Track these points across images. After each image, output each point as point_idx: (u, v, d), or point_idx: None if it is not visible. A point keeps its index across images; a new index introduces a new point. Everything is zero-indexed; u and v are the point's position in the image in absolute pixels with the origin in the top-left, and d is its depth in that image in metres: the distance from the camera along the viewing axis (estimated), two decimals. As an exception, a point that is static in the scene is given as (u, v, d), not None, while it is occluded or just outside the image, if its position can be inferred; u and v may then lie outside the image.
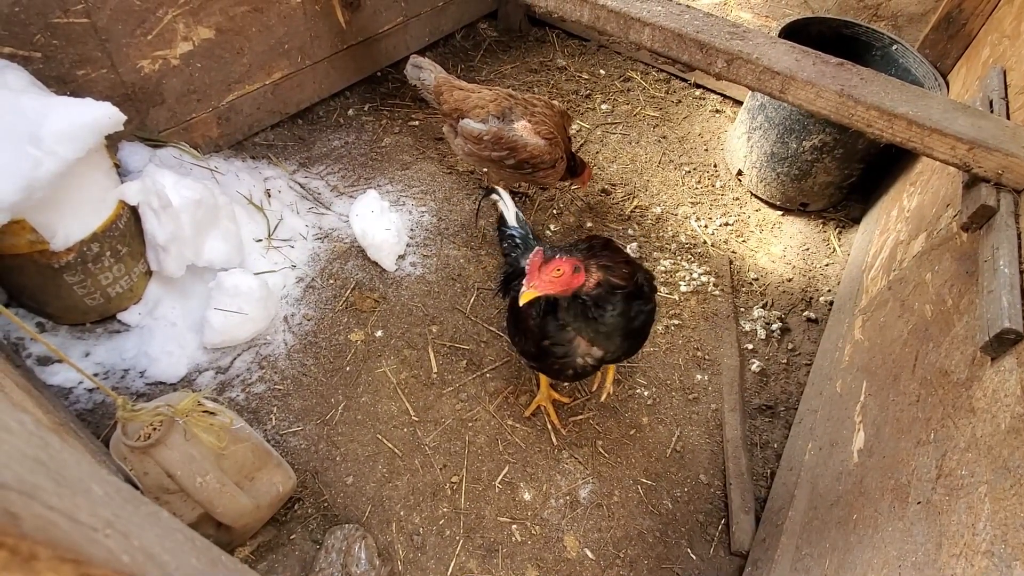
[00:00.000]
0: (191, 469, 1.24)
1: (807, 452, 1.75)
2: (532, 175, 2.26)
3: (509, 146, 2.17)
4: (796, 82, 1.46)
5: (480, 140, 2.20)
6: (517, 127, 2.17)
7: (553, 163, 2.22)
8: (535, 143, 2.17)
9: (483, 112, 2.20)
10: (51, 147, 1.52)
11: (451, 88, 2.28)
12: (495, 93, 2.24)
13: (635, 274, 1.42)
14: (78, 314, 1.88)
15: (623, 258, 1.43)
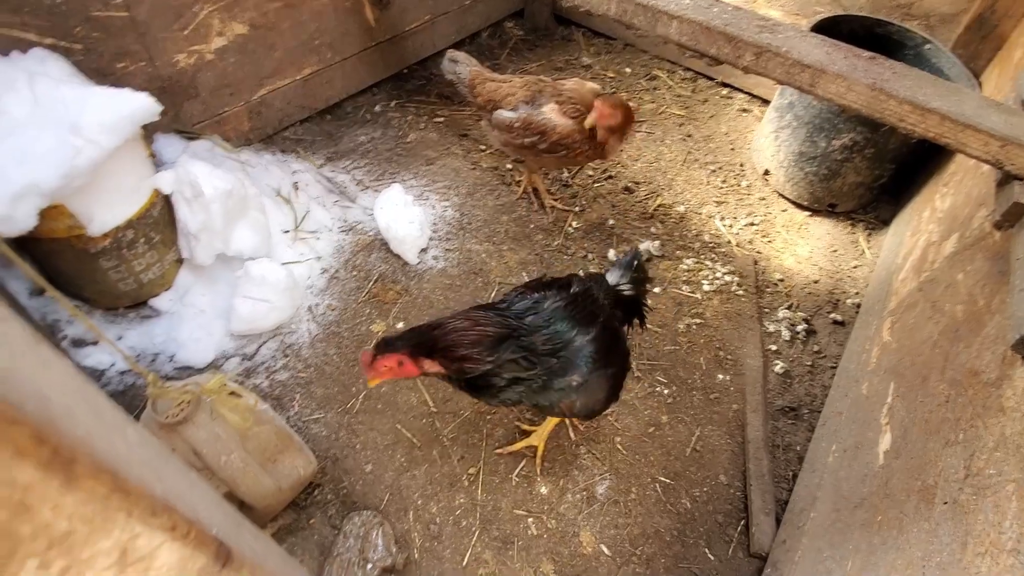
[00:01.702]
0: (216, 448, 1.27)
1: (831, 454, 1.71)
2: (568, 157, 2.24)
3: (539, 130, 2.17)
4: (827, 75, 1.44)
5: (512, 128, 2.21)
6: (545, 110, 2.17)
7: (585, 141, 2.18)
8: (563, 124, 2.15)
9: (513, 100, 2.21)
10: (91, 136, 1.58)
11: (484, 80, 2.30)
12: (525, 80, 2.25)
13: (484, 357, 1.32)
14: (112, 299, 1.95)
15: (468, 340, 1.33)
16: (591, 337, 1.44)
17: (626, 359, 1.61)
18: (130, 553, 0.30)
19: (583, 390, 1.43)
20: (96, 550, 0.28)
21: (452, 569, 1.65)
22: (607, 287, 1.66)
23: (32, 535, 0.25)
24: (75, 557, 0.27)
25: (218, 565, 0.39)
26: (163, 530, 0.32)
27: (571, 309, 1.45)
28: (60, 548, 0.26)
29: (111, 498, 0.27)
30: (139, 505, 0.29)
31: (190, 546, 0.35)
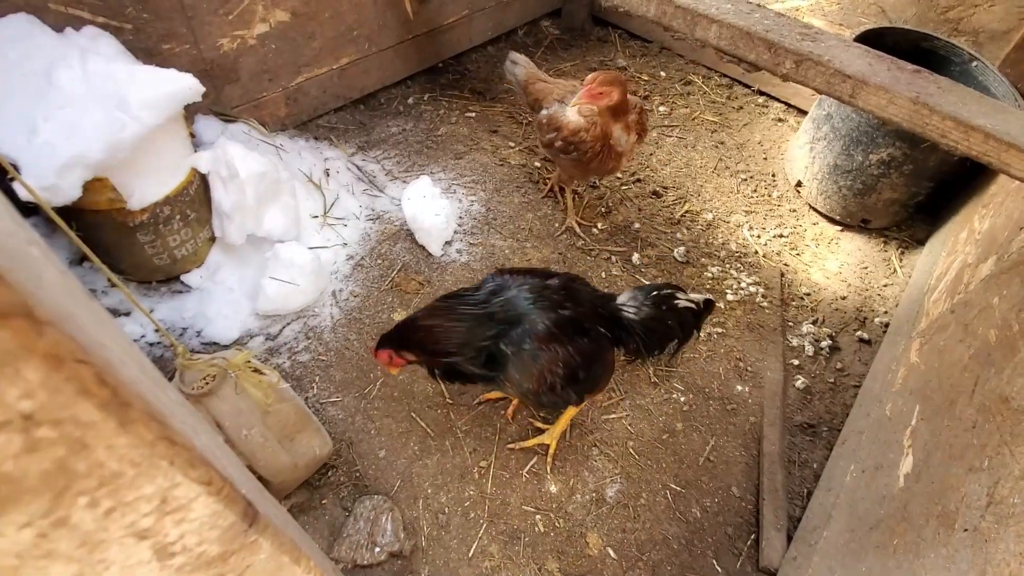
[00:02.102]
0: (238, 421, 1.30)
1: (849, 473, 1.68)
2: (581, 161, 2.14)
3: (556, 126, 2.13)
4: (868, 87, 1.41)
5: (542, 126, 2.21)
6: (568, 108, 2.12)
7: (595, 145, 2.07)
8: (575, 121, 2.07)
9: (550, 99, 2.21)
10: (136, 112, 1.63)
11: (536, 81, 2.30)
12: (569, 82, 2.23)
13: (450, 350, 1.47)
14: (146, 272, 2.01)
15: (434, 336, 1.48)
16: (549, 321, 1.47)
17: (591, 367, 1.56)
18: (169, 501, 0.32)
19: (515, 363, 1.46)
20: (140, 494, 0.30)
21: (458, 559, 1.66)
22: (606, 300, 1.65)
23: (86, 473, 0.26)
24: (120, 499, 0.29)
25: (245, 524, 0.41)
26: (200, 483, 0.33)
27: (540, 292, 1.51)
28: (108, 488, 0.28)
29: (157, 445, 0.28)
30: (181, 456, 0.30)
31: (222, 502, 0.36)
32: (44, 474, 0.24)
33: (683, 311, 1.67)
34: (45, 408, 0.22)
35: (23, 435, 0.22)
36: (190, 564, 0.38)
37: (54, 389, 0.22)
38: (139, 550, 0.33)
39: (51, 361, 0.21)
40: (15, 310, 0.19)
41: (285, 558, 0.51)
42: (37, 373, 0.21)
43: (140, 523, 0.31)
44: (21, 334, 0.20)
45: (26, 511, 0.25)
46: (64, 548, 0.28)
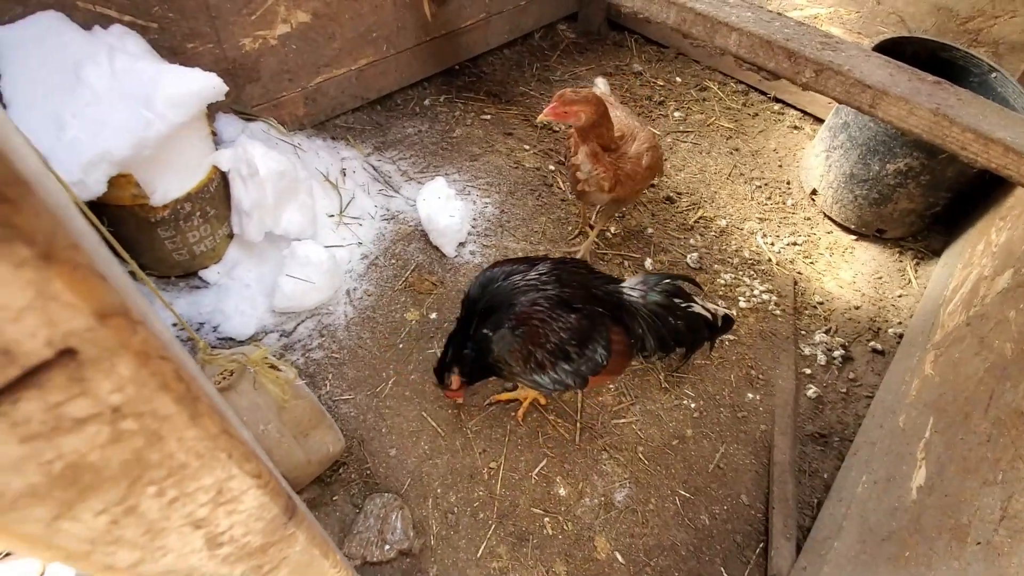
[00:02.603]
0: (255, 416, 1.33)
1: (860, 484, 1.68)
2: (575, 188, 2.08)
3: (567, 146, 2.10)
4: (888, 97, 1.41)
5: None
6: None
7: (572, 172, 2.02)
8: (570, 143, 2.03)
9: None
10: (161, 110, 1.66)
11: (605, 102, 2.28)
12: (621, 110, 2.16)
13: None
14: (166, 267, 2.04)
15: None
16: (528, 300, 1.52)
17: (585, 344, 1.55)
18: (224, 492, 0.34)
19: (497, 344, 1.52)
20: (200, 485, 0.31)
21: (467, 559, 1.67)
22: (605, 281, 1.66)
23: (158, 463, 0.28)
24: (183, 489, 0.31)
25: (286, 517, 0.42)
26: (251, 476, 0.35)
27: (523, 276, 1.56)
28: (175, 479, 0.30)
29: (219, 438, 0.30)
30: (238, 450, 0.32)
31: (268, 495, 0.38)
32: (123, 464, 0.26)
33: (695, 316, 1.67)
34: (131, 401, 0.24)
35: (110, 427, 0.24)
36: (235, 554, 0.40)
37: (141, 384, 0.23)
38: (193, 539, 0.34)
39: (140, 357, 0.23)
40: (117, 310, 0.21)
41: (316, 551, 0.52)
42: (129, 369, 0.22)
43: (197, 513, 0.33)
44: (120, 332, 0.21)
45: (104, 499, 0.26)
46: (131, 535, 0.30)
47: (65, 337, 0.19)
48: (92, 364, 0.21)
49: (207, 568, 0.38)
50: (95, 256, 0.20)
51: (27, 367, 0.19)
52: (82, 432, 0.23)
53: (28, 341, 0.19)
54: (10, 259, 0.17)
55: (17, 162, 0.17)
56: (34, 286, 0.18)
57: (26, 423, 0.20)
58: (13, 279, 0.17)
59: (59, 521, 0.25)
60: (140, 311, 0.23)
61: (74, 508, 0.25)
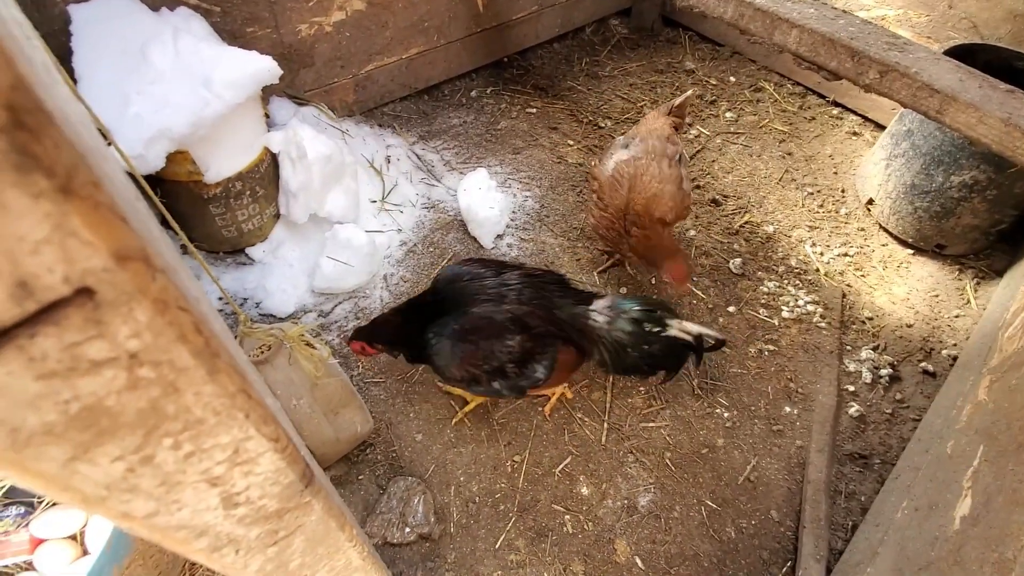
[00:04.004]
0: (289, 391, 1.36)
1: (900, 510, 1.59)
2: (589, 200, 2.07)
3: (599, 156, 2.06)
4: (957, 104, 1.32)
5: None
6: (618, 151, 2.02)
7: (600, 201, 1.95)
8: (605, 167, 1.97)
9: (633, 132, 2.11)
10: (219, 91, 1.72)
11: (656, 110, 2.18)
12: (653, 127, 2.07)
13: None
14: (215, 243, 2.12)
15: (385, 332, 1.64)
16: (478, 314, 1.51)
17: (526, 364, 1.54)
18: (241, 453, 0.34)
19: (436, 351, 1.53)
20: (216, 442, 0.32)
21: (484, 549, 1.68)
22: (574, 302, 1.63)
23: (174, 415, 0.28)
24: (200, 445, 0.31)
25: (302, 484, 0.43)
26: (268, 439, 0.35)
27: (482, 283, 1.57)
28: (190, 433, 0.30)
29: (237, 397, 0.30)
30: (256, 411, 0.32)
31: (286, 460, 0.38)
32: (139, 412, 0.26)
33: (672, 340, 1.63)
34: (148, 349, 0.24)
35: (127, 373, 0.24)
36: (250, 516, 0.41)
37: (157, 332, 0.23)
38: (209, 496, 0.35)
39: (159, 305, 0.23)
40: (136, 254, 0.21)
41: (332, 523, 0.53)
42: (146, 315, 0.23)
43: (213, 470, 0.33)
44: (139, 277, 0.21)
45: (120, 445, 0.27)
46: (146, 485, 0.30)
47: (82, 275, 0.20)
48: (109, 306, 0.21)
49: (222, 527, 0.39)
50: (118, 198, 0.20)
51: (44, 302, 0.19)
52: (99, 375, 0.23)
53: (46, 276, 0.19)
54: (28, 189, 0.17)
55: (41, 93, 0.17)
56: (51, 219, 0.18)
57: (43, 359, 0.21)
58: (30, 210, 0.17)
59: (75, 463, 0.26)
60: (163, 260, 0.23)
61: (90, 451, 0.26)
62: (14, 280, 0.18)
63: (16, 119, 0.16)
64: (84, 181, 0.18)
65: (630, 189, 1.89)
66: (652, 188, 1.88)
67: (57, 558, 1.36)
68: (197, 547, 0.38)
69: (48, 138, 0.17)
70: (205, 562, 0.42)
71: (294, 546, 0.49)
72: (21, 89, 0.17)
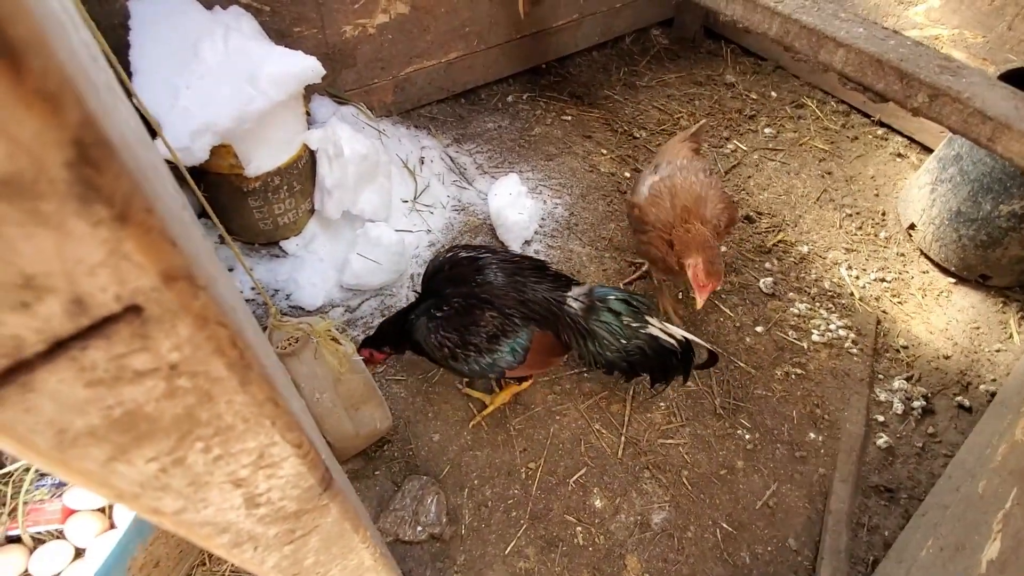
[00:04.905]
0: (313, 385, 1.39)
1: (925, 548, 1.53)
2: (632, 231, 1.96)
3: (632, 188, 1.97)
4: (1011, 132, 1.27)
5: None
6: (649, 177, 1.94)
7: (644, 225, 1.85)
8: (640, 193, 1.91)
9: (657, 159, 2.03)
10: (263, 88, 1.77)
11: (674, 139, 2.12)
12: (678, 149, 2.01)
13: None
14: (251, 235, 2.19)
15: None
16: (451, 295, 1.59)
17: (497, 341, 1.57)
18: (265, 457, 0.35)
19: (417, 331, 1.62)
20: (243, 448, 0.33)
21: (494, 554, 1.68)
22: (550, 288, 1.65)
23: (207, 422, 0.30)
24: (228, 449, 0.32)
25: (321, 488, 0.44)
26: (292, 445, 0.36)
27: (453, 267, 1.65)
28: (220, 439, 0.31)
29: (265, 405, 0.31)
30: (282, 418, 0.34)
31: (307, 465, 0.40)
32: (175, 418, 0.28)
33: (654, 341, 1.61)
34: (187, 361, 0.25)
35: (167, 383, 0.25)
36: (270, 516, 0.42)
37: (197, 345, 0.25)
38: (233, 496, 0.36)
39: (199, 321, 0.24)
40: (182, 273, 0.22)
41: (347, 525, 0.54)
42: (188, 330, 0.24)
43: (239, 473, 0.35)
44: (183, 295, 0.23)
45: (155, 448, 0.28)
46: (177, 484, 0.32)
47: (132, 294, 0.21)
48: (155, 322, 0.23)
49: (243, 525, 0.40)
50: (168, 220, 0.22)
51: (96, 318, 0.21)
52: (141, 384, 0.25)
53: (99, 295, 0.20)
54: (89, 218, 0.18)
55: (106, 126, 0.18)
56: (108, 245, 0.19)
57: (92, 369, 0.22)
58: (90, 237, 0.19)
59: (114, 463, 0.27)
60: (205, 276, 0.24)
61: (128, 452, 0.27)
62: (70, 298, 0.20)
63: (83, 154, 0.18)
64: (139, 208, 0.20)
65: (672, 200, 1.80)
66: (695, 191, 1.80)
67: (86, 530, 1.42)
68: (219, 542, 0.40)
69: (110, 171, 0.18)
70: (225, 556, 0.44)
71: (309, 545, 0.50)
72: (89, 126, 0.18)
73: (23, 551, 1.40)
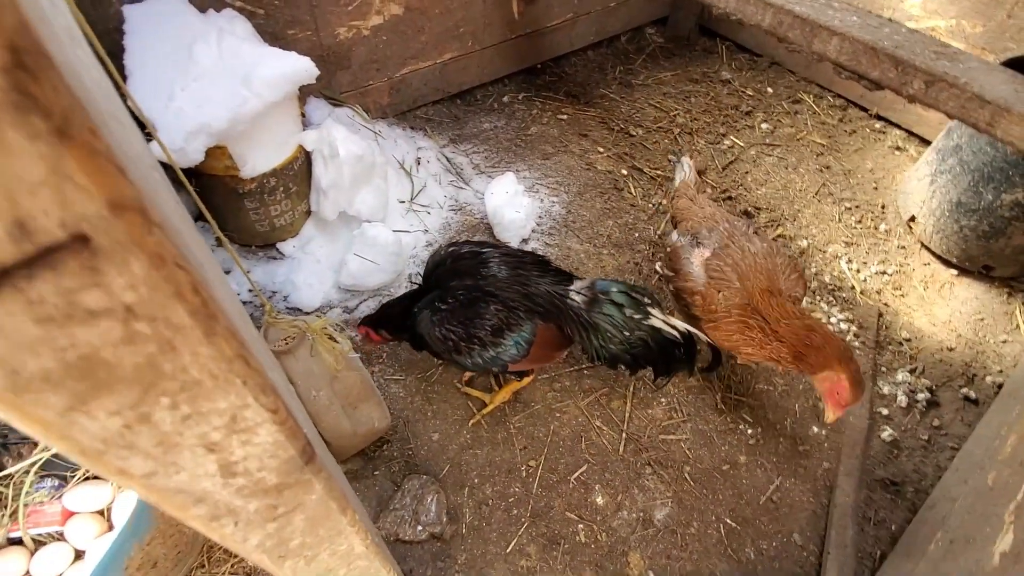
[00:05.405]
0: (309, 382, 1.38)
1: (934, 541, 1.51)
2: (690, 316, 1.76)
3: (675, 268, 1.79)
4: (1011, 116, 1.26)
5: (664, 255, 1.92)
6: (694, 252, 1.75)
7: (712, 313, 1.66)
8: (693, 275, 1.70)
9: (686, 226, 1.86)
10: (257, 89, 1.77)
11: (683, 195, 1.95)
12: (711, 212, 1.85)
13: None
14: (248, 237, 2.18)
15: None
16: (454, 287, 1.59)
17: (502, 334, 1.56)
18: (238, 420, 0.34)
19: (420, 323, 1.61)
20: (213, 407, 0.32)
21: (495, 553, 1.66)
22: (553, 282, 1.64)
23: (171, 375, 0.29)
24: (197, 408, 0.32)
25: (302, 461, 0.43)
26: (267, 410, 0.35)
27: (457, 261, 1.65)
28: (188, 395, 0.30)
29: (235, 362, 0.30)
30: (253, 379, 0.33)
31: (284, 434, 0.39)
32: (136, 367, 0.27)
33: (656, 334, 1.59)
34: (144, 303, 0.24)
35: (123, 325, 0.25)
36: (249, 487, 0.41)
37: (153, 286, 0.24)
38: (206, 462, 0.35)
39: (155, 259, 0.23)
40: (132, 204, 0.21)
41: (333, 505, 0.53)
42: (142, 268, 0.23)
43: (211, 435, 0.34)
44: (134, 228, 0.22)
45: (117, 400, 0.27)
46: (144, 444, 0.31)
47: (77, 221, 0.20)
48: (105, 255, 0.22)
49: (220, 496, 0.39)
50: (118, 148, 0.21)
51: (41, 245, 0.20)
52: (95, 325, 0.24)
53: (42, 218, 0.19)
54: (25, 130, 0.18)
55: (45, 36, 0.18)
56: (47, 162, 0.18)
57: (40, 303, 0.21)
58: (27, 151, 0.18)
59: (73, 413, 0.26)
60: (161, 215, 0.24)
61: (87, 403, 0.26)
62: (12, 219, 0.19)
63: (17, 60, 0.17)
64: (81, 126, 0.19)
65: (742, 279, 1.62)
66: (765, 265, 1.63)
67: (86, 531, 1.41)
68: (195, 513, 0.38)
69: (47, 81, 0.18)
70: (204, 531, 0.43)
71: (294, 524, 0.49)
72: (24, 31, 0.17)
73: (24, 553, 1.39)
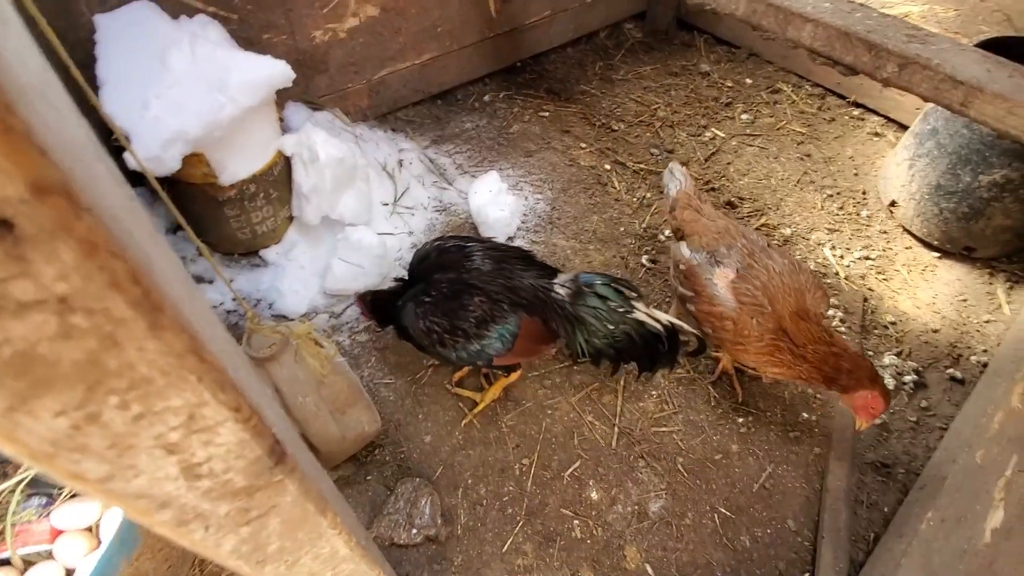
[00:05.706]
0: (294, 388, 1.37)
1: (925, 521, 1.52)
2: (715, 337, 1.73)
3: (695, 288, 1.72)
4: (983, 95, 1.28)
5: (676, 267, 1.85)
6: (716, 272, 1.68)
7: (745, 339, 1.62)
8: (721, 298, 1.65)
9: (698, 242, 1.78)
10: (233, 95, 1.75)
11: (686, 206, 1.87)
12: (724, 225, 1.79)
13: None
14: (229, 245, 2.16)
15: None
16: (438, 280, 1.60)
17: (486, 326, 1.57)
18: (197, 419, 0.33)
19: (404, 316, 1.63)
20: (167, 405, 0.31)
21: (491, 552, 1.65)
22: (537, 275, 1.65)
23: (117, 372, 0.27)
24: (149, 406, 0.30)
25: (271, 461, 0.42)
26: (228, 408, 0.34)
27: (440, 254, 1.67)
28: (138, 392, 0.29)
29: (186, 357, 0.29)
30: (210, 375, 0.31)
31: (250, 432, 0.37)
32: (76, 364, 0.25)
33: (640, 327, 1.59)
34: (78, 294, 0.23)
35: (58, 318, 0.23)
36: (216, 490, 0.40)
37: (86, 276, 0.23)
38: (167, 464, 0.34)
39: (86, 246, 0.22)
40: (56, 188, 0.20)
41: (311, 506, 0.52)
42: (72, 256, 0.22)
43: (168, 436, 0.32)
44: (60, 213, 0.21)
45: (60, 399, 0.26)
46: (96, 445, 0.30)
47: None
48: (30, 242, 0.21)
49: (186, 500, 0.38)
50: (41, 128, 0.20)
51: (-44, 231, 0.19)
52: (28, 318, 0.23)
53: (-47, 201, 0.18)
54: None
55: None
56: (-47, 139, 0.17)
57: (-39, 295, 0.20)
58: (-72, 127, 0.17)
59: (14, 413, 0.25)
60: (92, 199, 0.22)
61: (29, 402, 0.25)
62: (-82, 204, 0.18)
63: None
64: (-9, 103, 0.18)
65: (772, 302, 1.59)
66: (792, 285, 1.60)
67: (74, 549, 1.39)
68: (160, 519, 0.37)
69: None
70: (174, 537, 0.41)
71: (270, 528, 0.48)
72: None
73: (14, 573, 1.36)
